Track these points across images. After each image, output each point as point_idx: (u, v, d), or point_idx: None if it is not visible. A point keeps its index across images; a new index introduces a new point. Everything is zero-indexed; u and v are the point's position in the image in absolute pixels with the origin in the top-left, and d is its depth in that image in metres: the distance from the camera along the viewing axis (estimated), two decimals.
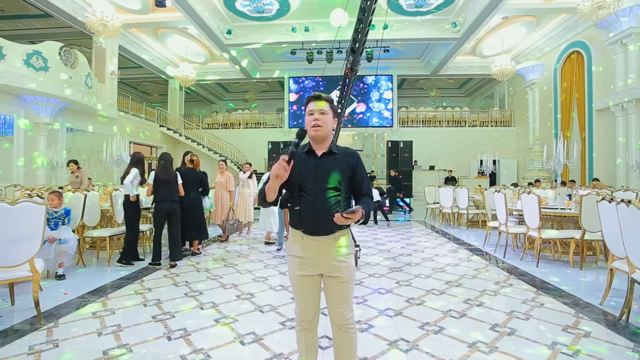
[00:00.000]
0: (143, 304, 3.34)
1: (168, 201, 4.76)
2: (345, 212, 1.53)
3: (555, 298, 3.49)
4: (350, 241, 1.81)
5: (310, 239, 1.72)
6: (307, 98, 1.80)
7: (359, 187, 1.79)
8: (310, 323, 1.80)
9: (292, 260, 1.79)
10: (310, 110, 1.75)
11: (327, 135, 1.75)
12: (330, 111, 1.76)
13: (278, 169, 1.57)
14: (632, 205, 2.66)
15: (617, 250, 3.02)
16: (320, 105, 1.73)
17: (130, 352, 2.41)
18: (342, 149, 1.81)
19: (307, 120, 1.76)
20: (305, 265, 1.74)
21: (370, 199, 1.80)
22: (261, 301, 3.43)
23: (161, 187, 4.74)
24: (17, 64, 8.25)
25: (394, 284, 4.01)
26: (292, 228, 1.80)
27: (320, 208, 1.67)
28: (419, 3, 10.81)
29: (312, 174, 1.71)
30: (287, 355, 2.36)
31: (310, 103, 1.76)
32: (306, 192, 1.71)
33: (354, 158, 1.79)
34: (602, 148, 10.86)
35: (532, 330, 2.75)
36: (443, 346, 2.49)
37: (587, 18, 8.64)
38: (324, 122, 1.72)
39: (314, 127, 1.71)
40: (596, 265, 4.88)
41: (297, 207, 1.72)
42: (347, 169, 1.75)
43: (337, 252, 1.73)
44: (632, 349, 2.43)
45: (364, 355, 2.35)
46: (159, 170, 4.81)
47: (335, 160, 1.74)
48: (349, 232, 1.81)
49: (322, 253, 1.72)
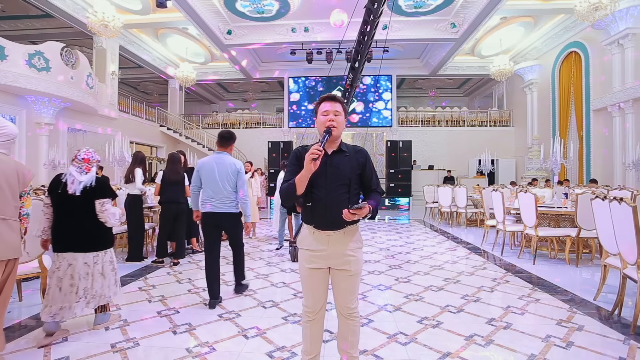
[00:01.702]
0: (148, 300, 3.42)
1: (175, 202, 4.78)
2: (352, 208, 1.62)
3: (550, 294, 3.57)
4: (359, 236, 1.90)
5: (321, 233, 1.81)
6: (320, 97, 1.87)
7: (368, 183, 1.88)
8: (317, 314, 1.89)
9: (303, 253, 1.87)
10: (325, 111, 1.82)
11: (340, 134, 1.85)
12: (343, 112, 1.85)
13: (312, 156, 1.63)
14: (623, 203, 2.74)
15: (610, 246, 3.11)
16: (335, 107, 1.82)
17: (138, 346, 2.48)
18: (351, 147, 1.90)
19: (321, 120, 1.82)
20: (315, 258, 1.83)
21: (379, 195, 1.89)
22: (263, 297, 3.50)
23: (169, 188, 4.76)
24: (19, 65, 8.31)
25: (393, 280, 4.09)
26: (304, 223, 1.89)
27: (331, 204, 1.75)
28: (418, 4, 10.89)
29: (323, 171, 1.78)
30: (289, 348, 2.44)
31: (325, 103, 1.83)
32: (317, 188, 1.79)
33: (362, 155, 1.88)
34: (599, 147, 10.96)
35: (527, 324, 2.84)
36: (441, 339, 2.57)
37: (584, 19, 8.74)
38: (339, 122, 1.81)
39: (330, 126, 1.79)
40: (592, 262, 4.96)
41: (309, 203, 1.81)
42: (356, 166, 1.84)
43: (347, 247, 1.81)
44: (623, 342, 2.51)
45: (364, 347, 2.42)
46: (168, 171, 4.80)
47: (345, 158, 1.83)
48: (358, 227, 1.89)
49: (332, 247, 1.80)
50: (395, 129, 16.72)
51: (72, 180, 2.60)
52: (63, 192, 2.59)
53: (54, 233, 2.64)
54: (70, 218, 2.61)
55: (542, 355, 2.33)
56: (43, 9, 9.88)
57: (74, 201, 2.60)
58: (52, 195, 2.64)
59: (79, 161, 2.67)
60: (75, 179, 2.60)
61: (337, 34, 12.05)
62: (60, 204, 2.62)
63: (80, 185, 2.60)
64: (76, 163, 2.67)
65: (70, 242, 2.61)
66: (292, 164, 1.86)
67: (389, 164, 13.81)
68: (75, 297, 2.58)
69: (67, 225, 2.62)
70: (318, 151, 1.64)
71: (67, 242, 2.61)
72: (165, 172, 4.80)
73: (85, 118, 11.26)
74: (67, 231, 2.61)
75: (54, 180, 2.68)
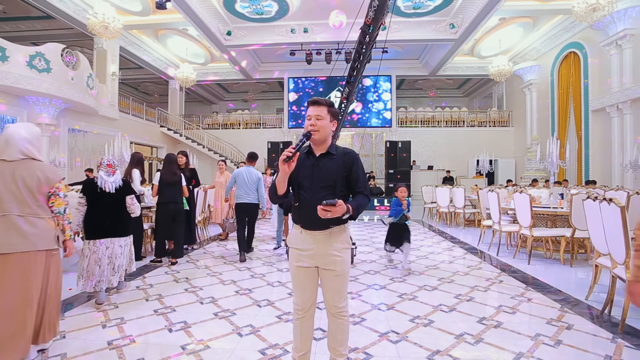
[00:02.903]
0: (145, 299, 3.46)
1: (173, 203, 4.82)
2: (324, 203, 1.65)
3: (543, 294, 3.61)
4: (346, 237, 1.92)
5: (307, 233, 1.86)
6: (307, 102, 1.94)
7: (354, 184, 1.90)
8: (306, 312, 1.93)
9: (292, 251, 1.94)
10: (308, 115, 1.88)
11: (324, 138, 1.88)
12: (327, 115, 1.87)
13: (282, 157, 1.73)
14: (612, 204, 2.78)
15: (601, 246, 3.14)
16: (317, 111, 1.86)
17: (134, 343, 2.53)
18: (340, 150, 1.93)
19: (305, 124, 1.90)
20: (302, 257, 1.88)
21: (365, 198, 1.88)
22: (259, 296, 3.55)
23: (166, 188, 4.80)
24: (20, 66, 8.37)
25: (388, 280, 4.13)
26: (293, 223, 1.96)
27: (315, 205, 1.77)
28: (416, 5, 10.93)
29: (309, 173, 1.84)
30: (282, 346, 2.48)
31: (310, 107, 1.89)
32: (304, 189, 1.85)
33: (350, 158, 1.91)
34: (597, 148, 10.98)
35: (518, 323, 2.88)
36: (431, 337, 2.62)
37: (583, 20, 8.77)
38: (320, 126, 1.85)
39: (310, 131, 1.84)
40: (587, 262, 4.98)
41: (297, 203, 1.88)
42: (342, 169, 1.87)
43: (332, 247, 1.85)
44: (611, 340, 2.55)
45: (355, 345, 2.47)
46: (164, 172, 4.83)
47: (332, 161, 1.88)
48: (346, 228, 1.92)
49: (317, 247, 1.85)
50: (395, 129, 16.75)
51: (105, 182, 3.30)
52: (101, 191, 3.27)
53: (91, 224, 3.27)
54: (108, 211, 3.31)
55: (530, 353, 2.37)
56: (44, 10, 9.95)
57: (110, 198, 3.31)
58: (87, 195, 3.27)
59: (104, 167, 3.35)
60: (107, 180, 3.31)
61: (337, 34, 12.09)
62: (98, 201, 3.27)
63: (113, 185, 3.33)
64: (103, 168, 3.35)
65: (108, 230, 3.31)
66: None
67: (388, 164, 13.87)
68: (112, 271, 3.33)
69: (105, 217, 3.29)
70: (290, 152, 1.71)
71: (106, 230, 3.30)
72: (162, 173, 4.82)
73: (85, 119, 11.33)
74: (105, 221, 3.29)
75: (87, 182, 3.36)
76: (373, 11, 3.92)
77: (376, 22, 4.18)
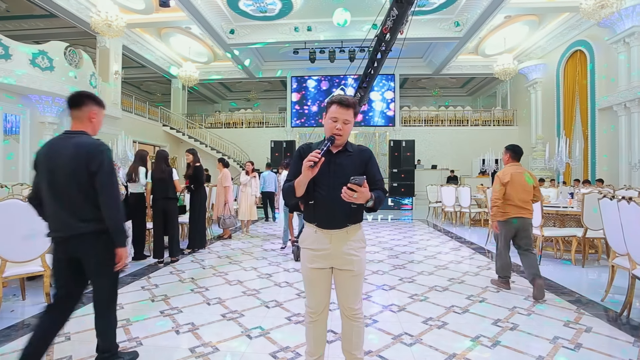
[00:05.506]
0: (151, 300, 3.40)
1: (163, 199, 4.81)
2: (352, 182, 1.56)
3: (557, 295, 3.53)
4: (362, 235, 1.86)
5: (323, 232, 1.79)
6: (331, 100, 1.80)
7: (371, 180, 1.83)
8: (319, 315, 1.85)
9: (305, 252, 1.85)
10: (333, 117, 1.77)
11: (345, 141, 1.82)
12: (352, 120, 1.79)
13: (309, 163, 1.62)
14: (633, 203, 2.70)
15: (618, 247, 3.06)
16: (345, 115, 1.76)
17: (140, 345, 2.47)
18: (356, 147, 1.88)
19: (328, 124, 1.78)
20: (316, 258, 1.80)
21: (383, 192, 1.83)
22: (267, 297, 3.48)
23: (155, 185, 4.81)
24: (23, 64, 8.33)
25: (397, 280, 4.06)
26: (306, 222, 1.87)
27: (333, 202, 1.72)
28: (421, 2, 10.83)
29: (326, 170, 1.76)
30: (293, 349, 2.41)
31: (337, 108, 1.76)
32: (320, 187, 1.77)
33: (366, 155, 1.87)
34: (604, 147, 10.86)
35: (534, 325, 2.80)
36: (446, 340, 2.54)
37: (590, 17, 8.66)
38: (345, 131, 1.77)
39: (335, 135, 1.75)
40: (598, 263, 4.90)
41: (312, 201, 1.79)
42: (359, 165, 1.82)
43: (349, 246, 1.78)
44: (633, 344, 2.47)
45: (368, 348, 2.39)
46: (153, 169, 4.89)
47: (349, 157, 1.82)
48: (360, 226, 1.86)
49: (334, 246, 1.78)
50: (399, 128, 16.66)
51: None
52: None
53: None
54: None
55: (550, 357, 2.29)
56: (47, 8, 9.90)
57: None
58: None
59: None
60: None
61: (340, 33, 12.02)
62: None
63: None
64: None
65: None
66: (295, 162, 1.85)
67: (392, 163, 13.77)
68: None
69: None
70: (316, 158, 1.62)
71: None
72: (152, 171, 4.88)
73: None
74: None
75: None
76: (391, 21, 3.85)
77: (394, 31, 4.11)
